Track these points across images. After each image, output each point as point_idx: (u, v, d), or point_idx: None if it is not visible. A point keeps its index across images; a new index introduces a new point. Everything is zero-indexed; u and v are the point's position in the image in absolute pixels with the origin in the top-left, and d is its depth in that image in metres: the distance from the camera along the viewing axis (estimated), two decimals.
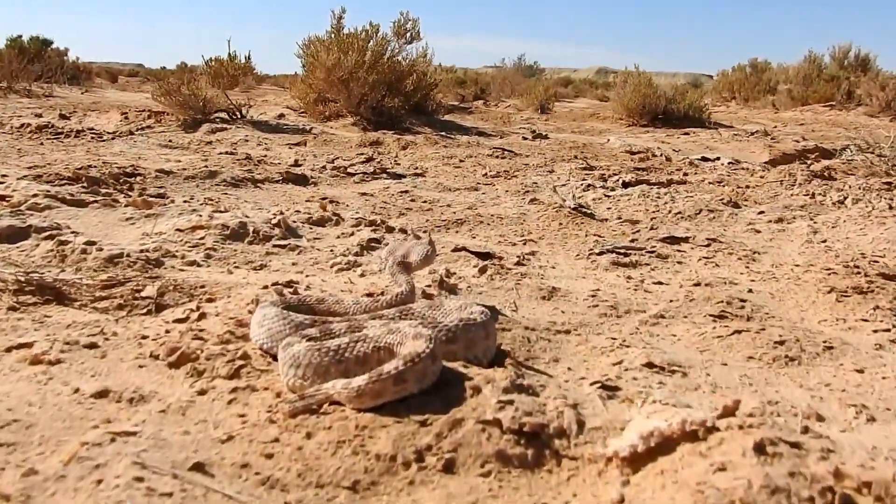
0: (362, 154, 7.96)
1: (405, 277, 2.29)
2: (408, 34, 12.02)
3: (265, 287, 2.61)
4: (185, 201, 4.35)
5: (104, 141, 7.73)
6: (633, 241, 4.10)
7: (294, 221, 3.77)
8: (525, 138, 11.03)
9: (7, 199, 3.61)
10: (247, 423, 1.63)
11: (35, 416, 1.63)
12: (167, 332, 2.17)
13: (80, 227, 3.41)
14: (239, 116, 10.24)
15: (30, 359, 1.94)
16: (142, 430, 1.55)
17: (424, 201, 5.16)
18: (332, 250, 3.44)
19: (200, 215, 3.57)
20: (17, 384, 1.79)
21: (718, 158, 9.05)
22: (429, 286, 2.73)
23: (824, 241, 4.32)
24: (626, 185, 6.39)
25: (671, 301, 2.85)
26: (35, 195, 3.67)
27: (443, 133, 10.96)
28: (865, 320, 2.68)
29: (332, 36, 11.29)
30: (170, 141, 8.44)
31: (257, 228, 3.48)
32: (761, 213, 5.05)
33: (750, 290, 3.10)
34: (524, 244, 4.00)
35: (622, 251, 3.82)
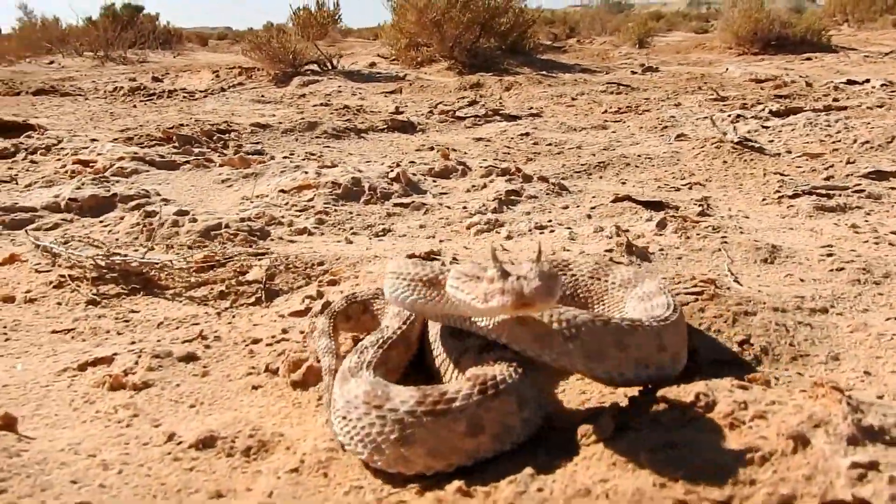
0: (464, 98, 7.28)
1: None
2: None
3: None
4: (285, 157, 3.82)
5: (196, 100, 7.35)
6: (827, 178, 3.30)
7: (414, 174, 3.17)
8: (634, 72, 10.06)
9: (90, 164, 3.16)
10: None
11: (112, 490, 1.09)
12: (284, 332, 1.62)
13: (170, 194, 2.92)
14: (330, 67, 9.71)
15: (109, 382, 1.41)
16: None
17: (549, 144, 4.46)
18: (464, 207, 2.83)
19: (306, 172, 3.02)
20: (90, 427, 1.27)
21: (868, 80, 7.87)
22: (610, 250, 2.08)
23: None
24: (775, 114, 5.48)
25: None
26: (121, 158, 3.20)
27: (544, 72, 10.12)
28: None
29: None
30: (262, 96, 8.00)
31: (373, 185, 2.89)
32: None
33: None
34: (689, 188, 3.28)
35: (822, 192, 3.04)
